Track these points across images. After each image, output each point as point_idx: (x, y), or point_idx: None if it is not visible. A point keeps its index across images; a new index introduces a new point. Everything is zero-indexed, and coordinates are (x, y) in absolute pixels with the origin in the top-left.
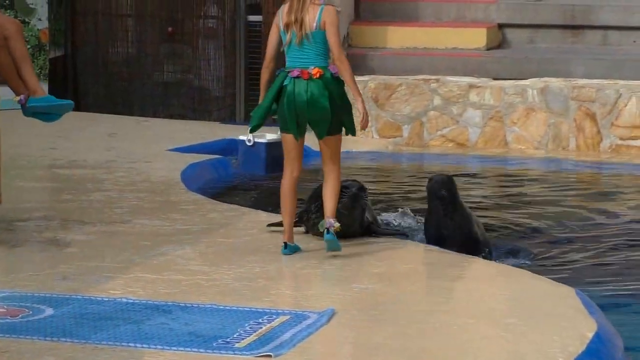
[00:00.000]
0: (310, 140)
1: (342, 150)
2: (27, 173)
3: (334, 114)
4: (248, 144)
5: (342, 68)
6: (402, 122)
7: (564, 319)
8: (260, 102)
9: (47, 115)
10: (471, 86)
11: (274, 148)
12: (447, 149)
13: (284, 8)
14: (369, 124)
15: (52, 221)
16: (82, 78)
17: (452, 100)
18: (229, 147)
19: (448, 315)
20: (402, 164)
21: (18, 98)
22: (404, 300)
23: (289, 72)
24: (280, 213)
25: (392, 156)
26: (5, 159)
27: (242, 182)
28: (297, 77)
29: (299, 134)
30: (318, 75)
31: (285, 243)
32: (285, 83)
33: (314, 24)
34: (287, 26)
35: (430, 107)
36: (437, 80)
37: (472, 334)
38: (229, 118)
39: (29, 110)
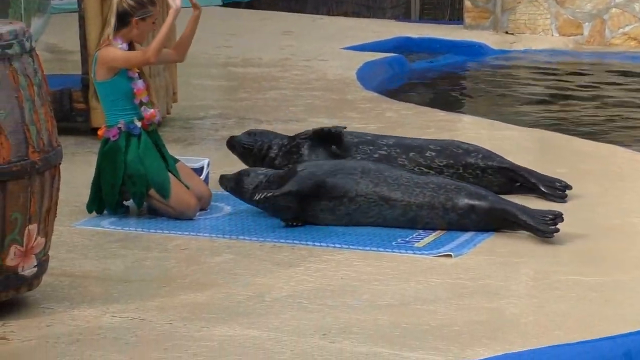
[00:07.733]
0: None
1: (519, 48)
2: (202, 71)
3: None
4: None
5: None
6: (583, 19)
7: None
8: None
9: None
10: None
11: None
12: (630, 48)
13: None
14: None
15: (228, 119)
16: None
17: None
18: (404, 45)
19: None
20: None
21: None
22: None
23: None
24: None
25: (571, 54)
26: None
27: (418, 80)
28: None
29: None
30: (99, 136)
31: None
32: None
33: (92, 76)
34: None
35: (612, 4)
36: None
37: None
38: (404, 15)
39: None
